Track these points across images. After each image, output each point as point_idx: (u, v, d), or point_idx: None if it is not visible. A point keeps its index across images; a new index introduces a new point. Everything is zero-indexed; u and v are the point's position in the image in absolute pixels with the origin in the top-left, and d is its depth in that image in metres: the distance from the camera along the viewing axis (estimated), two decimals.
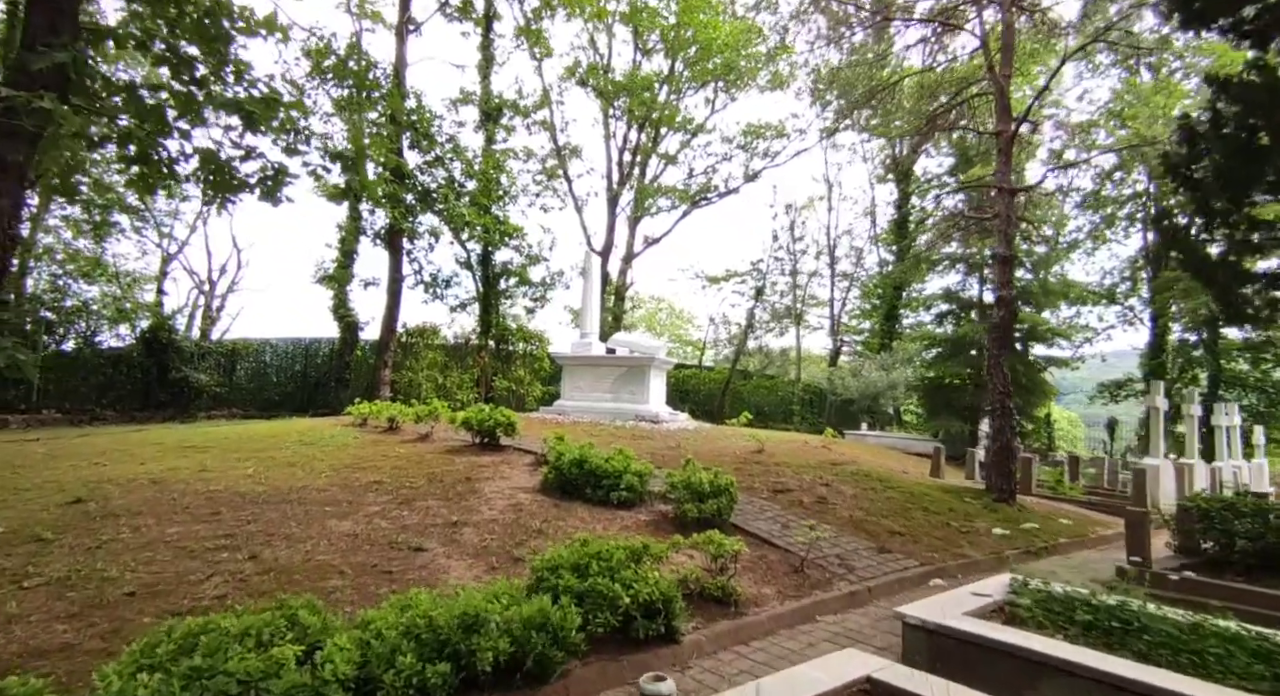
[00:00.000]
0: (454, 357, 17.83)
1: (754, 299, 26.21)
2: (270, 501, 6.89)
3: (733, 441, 12.59)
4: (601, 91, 22.38)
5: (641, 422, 14.02)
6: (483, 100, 18.22)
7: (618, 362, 14.96)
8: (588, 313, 15.92)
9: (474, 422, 9.53)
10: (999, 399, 9.51)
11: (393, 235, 14.71)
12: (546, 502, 7.30)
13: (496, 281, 19.15)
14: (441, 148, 14.41)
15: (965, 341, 19.40)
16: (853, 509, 8.09)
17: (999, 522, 8.46)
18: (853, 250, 33.74)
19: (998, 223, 9.99)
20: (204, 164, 6.71)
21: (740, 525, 7.03)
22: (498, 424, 9.57)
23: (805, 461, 10.87)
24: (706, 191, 25.69)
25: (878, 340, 28.01)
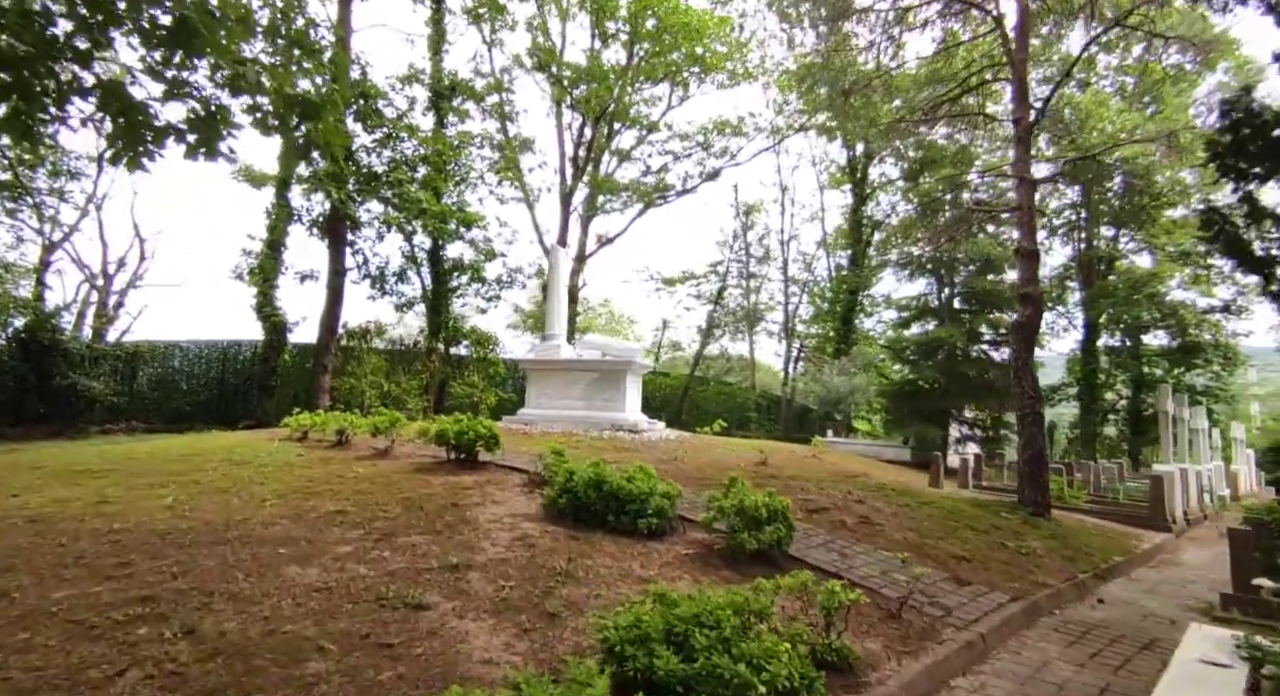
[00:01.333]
0: (400, 362, 16.03)
1: (714, 302, 25.38)
2: (201, 542, 5.26)
3: (728, 452, 11.51)
4: (557, 79, 21.03)
5: (620, 433, 12.74)
6: (433, 78, 16.52)
7: (591, 367, 13.64)
8: (554, 312, 14.54)
9: (451, 435, 8.03)
10: (1029, 404, 8.83)
11: (334, 223, 12.89)
12: (560, 534, 5.95)
13: (448, 278, 17.43)
14: (392, 125, 12.71)
15: (936, 345, 19.15)
16: (902, 530, 7.12)
17: (1047, 540, 7.70)
18: (800, 255, 33.64)
19: (1019, 216, 9.35)
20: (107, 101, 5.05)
21: (798, 555, 5.91)
22: (479, 437, 8.10)
23: (816, 474, 9.90)
24: (664, 190, 24.73)
25: (833, 345, 27.73)
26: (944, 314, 19.73)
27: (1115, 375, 30.93)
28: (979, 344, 19.85)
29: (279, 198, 16.68)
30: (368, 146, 13.13)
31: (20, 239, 17.72)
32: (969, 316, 19.24)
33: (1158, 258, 28.33)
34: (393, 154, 13.15)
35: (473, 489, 7.21)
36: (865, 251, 27.31)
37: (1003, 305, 19.07)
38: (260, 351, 17.64)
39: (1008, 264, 19.13)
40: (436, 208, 12.14)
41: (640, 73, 22.72)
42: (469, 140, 16.69)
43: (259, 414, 16.22)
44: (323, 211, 13.81)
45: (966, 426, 19.64)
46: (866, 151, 27.21)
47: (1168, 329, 28.44)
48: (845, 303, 27.13)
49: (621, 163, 24.76)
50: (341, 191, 11.58)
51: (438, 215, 12.98)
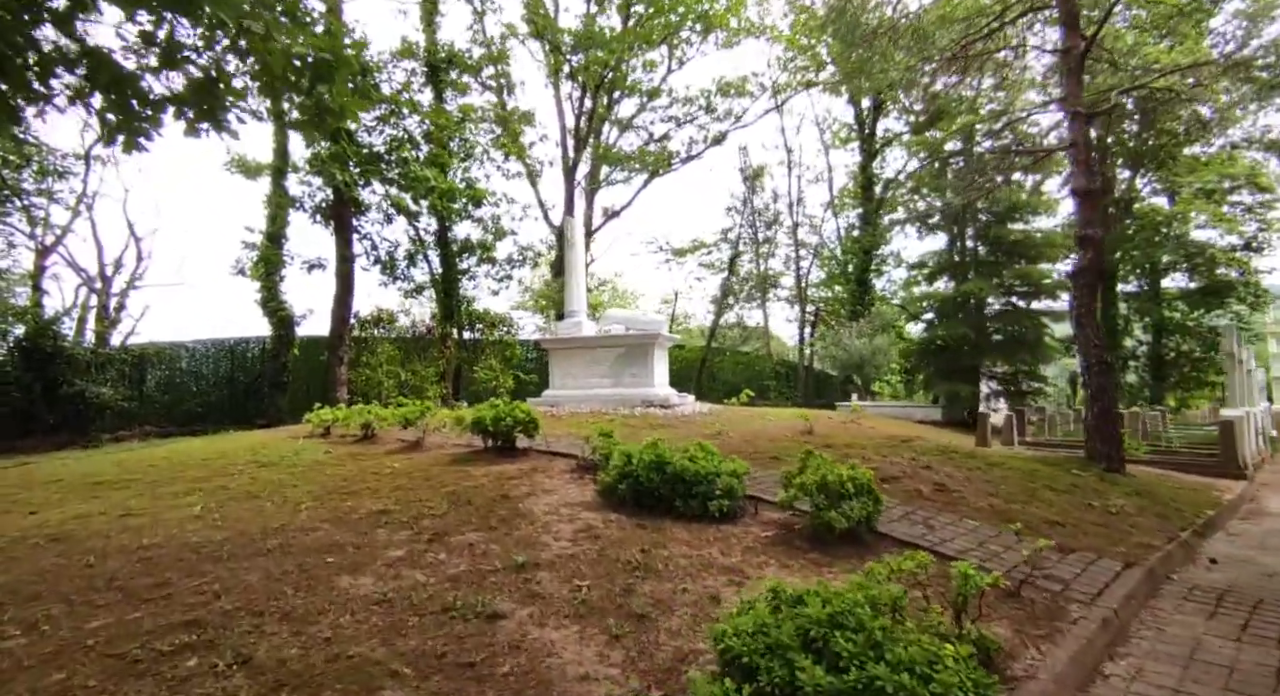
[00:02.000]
0: (414, 350, 15.51)
1: (728, 269, 24.74)
2: (240, 554, 4.80)
3: (767, 422, 11.03)
4: (555, 46, 20.14)
5: (651, 409, 12.28)
6: (428, 51, 15.71)
7: (616, 342, 13.13)
8: (572, 288, 13.98)
9: (488, 422, 7.54)
10: (1095, 353, 8.30)
11: (338, 209, 12.25)
12: (625, 522, 5.48)
13: (457, 260, 16.82)
14: (393, 100, 11.99)
15: (964, 300, 18.56)
16: (981, 496, 6.65)
17: (1131, 496, 7.23)
18: (807, 218, 32.87)
19: (1073, 153, 8.72)
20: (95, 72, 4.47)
21: (884, 531, 5.44)
22: (516, 423, 7.62)
23: (867, 440, 9.42)
24: (668, 158, 23.92)
25: (848, 307, 27.14)
26: (970, 267, 19.11)
27: (1133, 320, 30.38)
28: (1010, 296, 19.27)
29: (276, 186, 16.05)
30: (368, 125, 12.44)
31: (12, 244, 17.12)
32: (997, 268, 18.62)
33: (1176, 199, 27.56)
34: (394, 131, 12.46)
35: (518, 478, 6.74)
36: (876, 209, 26.57)
37: (1034, 255, 18.45)
38: (269, 347, 17.16)
39: (1030, 212, 18.47)
40: (444, 184, 11.49)
41: (638, 37, 21.79)
42: (471, 113, 15.93)
43: (273, 412, 15.79)
44: (325, 197, 13.16)
45: (997, 382, 19.16)
46: (875, 104, 26.32)
47: (1190, 270, 27.81)
48: (859, 263, 26.46)
49: (624, 132, 23.96)
50: (345, 173, 10.95)
51: (445, 193, 12.34)
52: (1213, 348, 29.04)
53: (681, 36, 22.52)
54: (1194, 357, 29.34)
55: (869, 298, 25.80)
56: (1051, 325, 19.35)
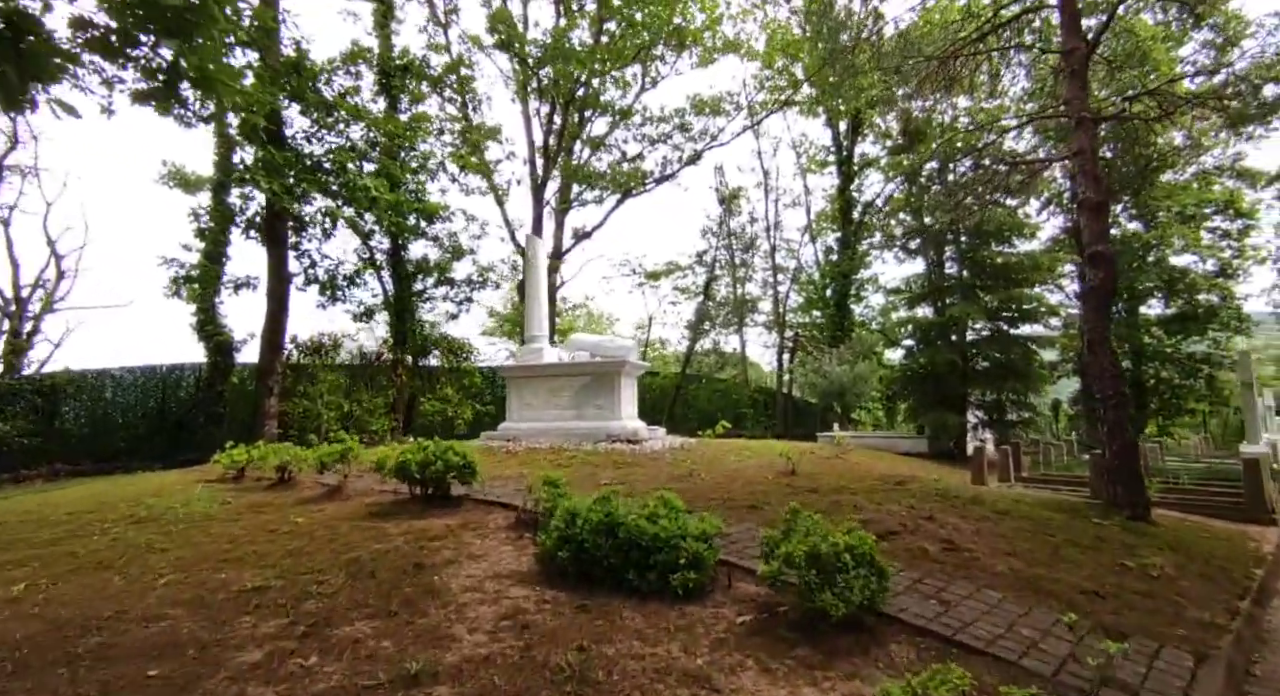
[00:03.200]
0: (361, 378, 14.26)
1: (703, 294, 23.82)
2: (32, 664, 3.55)
3: (744, 460, 9.94)
4: (521, 59, 19.29)
5: (617, 444, 11.14)
6: (381, 57, 14.70)
7: (579, 371, 12.02)
8: (534, 312, 12.88)
9: (414, 467, 6.34)
10: (1111, 383, 7.37)
11: (271, 222, 11.07)
12: (564, 603, 4.33)
13: (411, 281, 15.63)
14: (337, 104, 10.92)
15: (947, 326, 17.77)
16: (997, 555, 5.59)
17: (1167, 552, 6.23)
18: (784, 242, 32.28)
19: (1079, 162, 7.90)
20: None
21: (892, 612, 4.33)
22: (449, 467, 6.42)
23: (857, 481, 8.36)
24: (641, 178, 23.10)
25: (827, 333, 26.34)
26: (953, 291, 18.37)
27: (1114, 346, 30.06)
28: (995, 321, 18.54)
29: (217, 200, 14.81)
30: (308, 131, 11.37)
31: None
32: (981, 292, 17.91)
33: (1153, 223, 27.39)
34: (337, 139, 11.40)
35: (442, 539, 5.54)
36: (855, 233, 25.97)
37: (1019, 278, 17.75)
38: (205, 375, 15.73)
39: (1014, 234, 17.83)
40: (388, 197, 10.41)
41: (611, 53, 21.08)
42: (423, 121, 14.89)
43: (207, 445, 14.32)
44: (260, 210, 11.97)
45: (983, 411, 18.34)
46: (853, 126, 25.88)
47: (1168, 296, 27.56)
48: (838, 287, 25.74)
49: (596, 151, 23.08)
50: (274, 182, 9.86)
51: (391, 206, 11.24)
52: (1192, 374, 28.78)
53: (655, 53, 21.86)
54: (1174, 385, 29.02)
55: (848, 323, 25.01)
56: (1039, 351, 18.63)
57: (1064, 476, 11.66)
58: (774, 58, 21.37)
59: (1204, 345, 29.39)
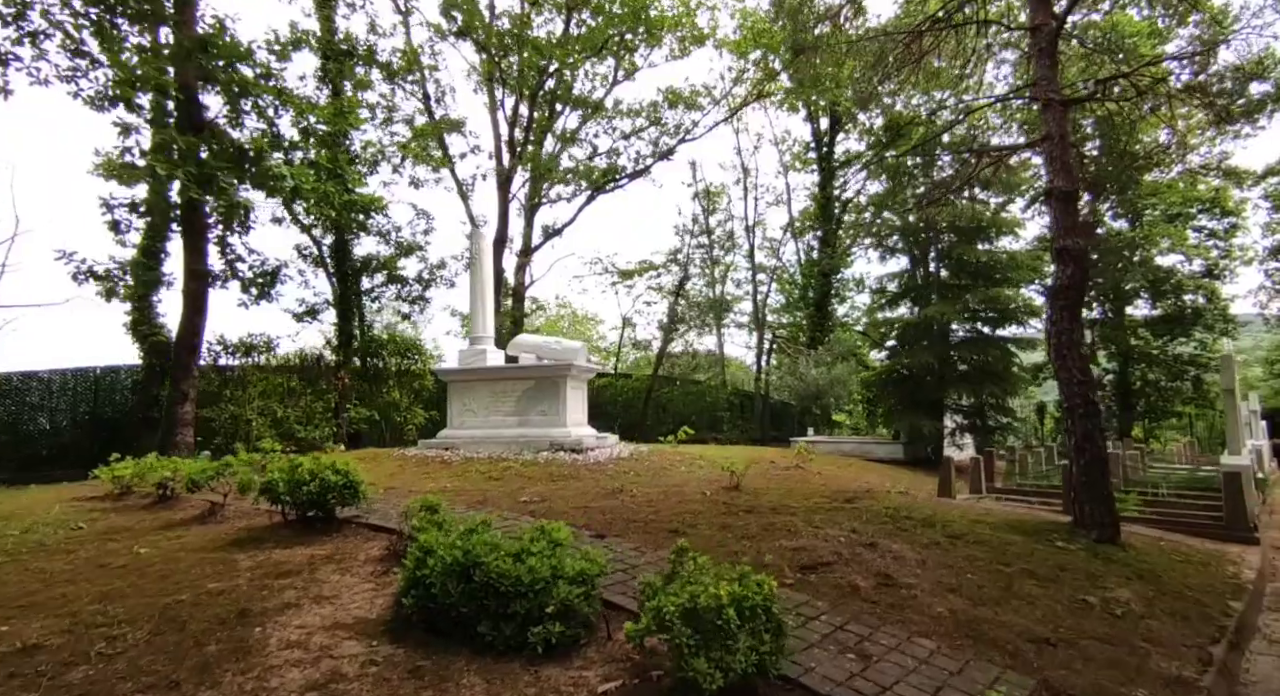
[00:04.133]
0: (303, 382, 13.43)
1: (675, 294, 23.07)
2: None
3: (691, 472, 9.21)
4: (483, 47, 18.47)
5: (559, 453, 10.39)
6: (323, 40, 13.81)
7: (521, 374, 11.25)
8: (479, 312, 12.09)
9: (281, 488, 5.55)
10: (1080, 391, 6.66)
11: (188, 214, 10.23)
12: (397, 664, 3.56)
13: (357, 278, 14.79)
14: (257, 88, 10.07)
15: (926, 326, 17.04)
16: (940, 592, 4.85)
17: (1134, 581, 5.51)
18: (766, 241, 31.60)
19: (1047, 148, 7.19)
20: None
21: (793, 675, 3.58)
22: (327, 488, 5.63)
23: (805, 497, 7.63)
24: (614, 173, 22.31)
25: (806, 334, 25.65)
26: (932, 291, 17.66)
27: (1098, 348, 29.51)
28: (975, 322, 17.83)
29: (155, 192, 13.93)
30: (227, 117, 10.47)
31: None
32: (959, 292, 17.21)
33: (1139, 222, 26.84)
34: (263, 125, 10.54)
35: (297, 574, 4.76)
36: (836, 230, 25.27)
37: (1000, 278, 17.04)
38: (140, 378, 14.86)
39: (996, 232, 17.13)
40: (309, 186, 9.55)
41: (580, 43, 20.31)
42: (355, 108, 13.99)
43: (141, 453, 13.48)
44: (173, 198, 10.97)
45: (962, 415, 17.64)
46: (833, 121, 25.19)
47: (1154, 296, 27.03)
48: (818, 287, 25.03)
49: (566, 146, 22.28)
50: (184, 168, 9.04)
51: (319, 197, 10.40)
52: (1178, 376, 28.26)
53: (628, 41, 21.08)
54: (1160, 387, 28.55)
55: (829, 324, 24.30)
56: (1019, 353, 17.94)
57: (1039, 488, 10.94)
58: (747, 47, 20.62)
59: (1191, 347, 28.90)
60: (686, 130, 22.49)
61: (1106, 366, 30.10)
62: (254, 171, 9.61)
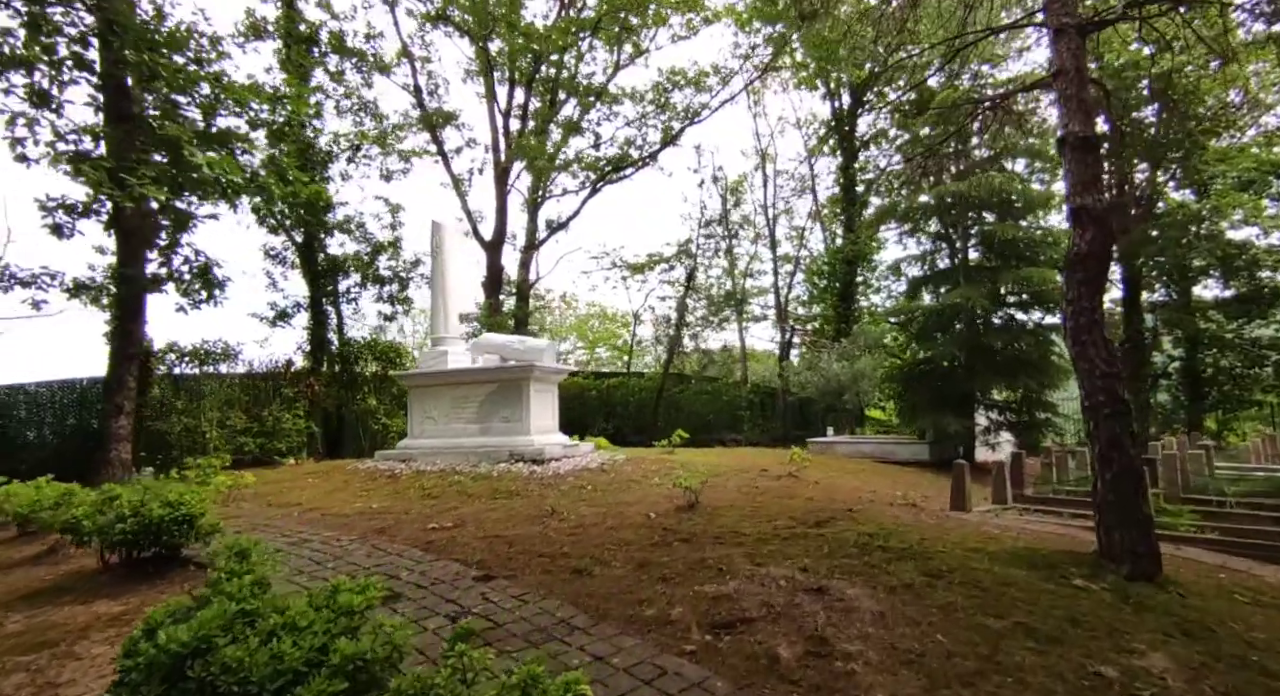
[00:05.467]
0: (270, 390, 12.77)
1: (685, 286, 21.81)
2: None
3: (651, 487, 8.02)
4: (467, 29, 17.57)
5: (517, 464, 9.34)
6: (283, 24, 13.03)
7: (481, 377, 10.23)
8: (440, 310, 11.15)
9: (87, 528, 4.63)
10: (1103, 383, 5.24)
11: (118, 213, 9.58)
12: None
13: (329, 279, 14.06)
14: (185, 75, 9.33)
15: (952, 313, 15.33)
16: (890, 665, 3.59)
17: (1176, 641, 4.09)
18: (793, 230, 29.99)
19: (1059, 85, 5.75)
20: None
21: None
22: (146, 526, 4.68)
23: (767, 518, 6.36)
24: (620, 162, 21.17)
25: (832, 326, 24.04)
26: (959, 274, 15.92)
27: (1162, 333, 26.92)
28: (1005, 308, 16.03)
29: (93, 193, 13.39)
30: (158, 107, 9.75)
31: None
32: (993, 274, 15.44)
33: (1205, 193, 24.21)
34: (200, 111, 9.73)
35: (52, 647, 3.79)
36: (861, 213, 23.57)
37: (1035, 257, 15.22)
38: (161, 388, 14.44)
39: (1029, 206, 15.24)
40: (235, 177, 8.70)
41: (576, 25, 19.26)
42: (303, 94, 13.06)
43: None
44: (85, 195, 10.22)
45: (997, 411, 15.87)
46: (854, 97, 23.50)
47: (1226, 275, 24.38)
48: (842, 276, 23.38)
49: (569, 135, 21.25)
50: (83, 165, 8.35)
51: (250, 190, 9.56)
52: (1257, 362, 25.50)
53: (630, 23, 19.92)
54: (1235, 374, 25.85)
55: (853, 314, 22.63)
56: (1059, 341, 16.03)
57: (1075, 495, 9.34)
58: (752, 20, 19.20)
59: (1271, 329, 26.05)
60: (694, 113, 21.19)
61: (1172, 353, 27.50)
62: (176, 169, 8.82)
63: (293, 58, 12.73)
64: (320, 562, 5.06)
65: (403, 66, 18.68)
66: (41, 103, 9.52)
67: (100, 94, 9.73)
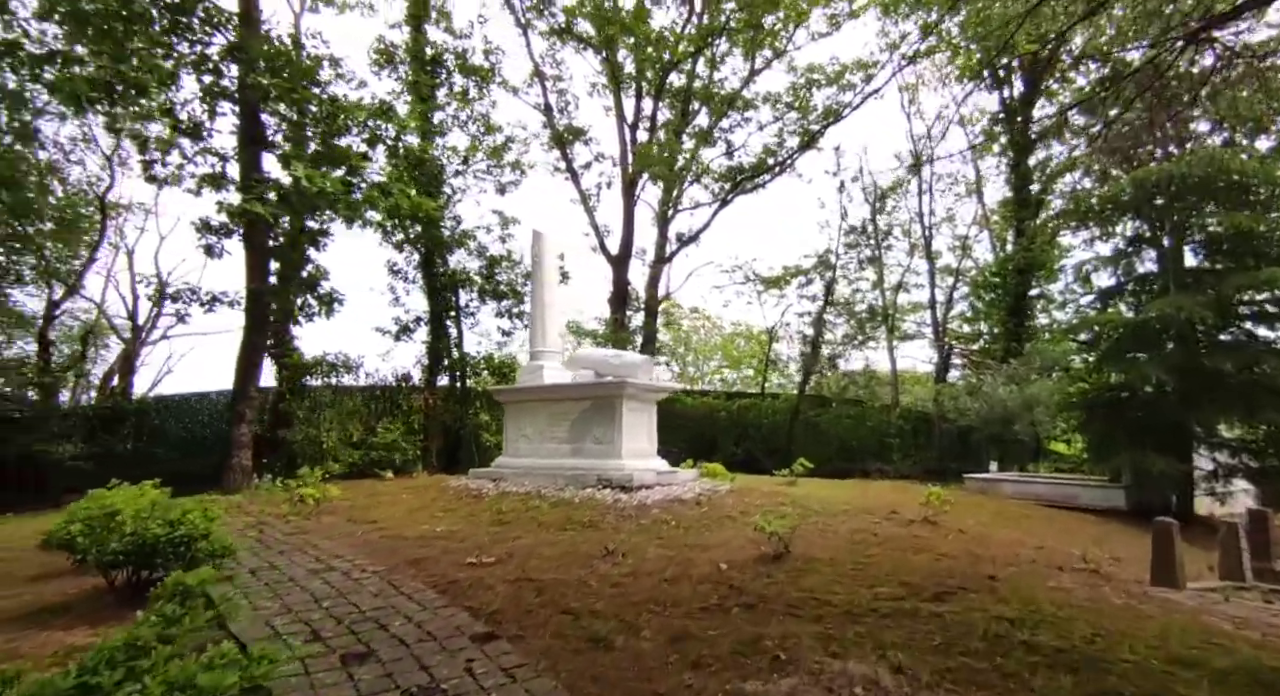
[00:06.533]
0: (387, 402, 13.06)
1: (823, 301, 19.94)
2: None
3: (742, 528, 6.77)
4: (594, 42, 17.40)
5: (604, 490, 8.48)
6: (411, 48, 13.45)
7: (574, 394, 9.54)
8: (539, 321, 10.66)
9: (82, 545, 4.38)
10: None
11: (248, 228, 10.22)
12: None
13: (448, 293, 14.22)
14: (318, 101, 9.78)
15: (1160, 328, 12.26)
16: None
17: None
18: (955, 239, 26.86)
19: None
20: None
21: None
22: (141, 546, 4.35)
23: (869, 581, 4.91)
24: (756, 170, 19.98)
25: (999, 345, 20.90)
26: (1166, 279, 12.75)
27: None
28: (1236, 321, 12.59)
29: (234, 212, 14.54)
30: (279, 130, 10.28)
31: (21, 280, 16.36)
32: (1212, 278, 12.19)
33: None
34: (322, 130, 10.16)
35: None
36: (1036, 216, 20.33)
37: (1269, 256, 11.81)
38: (273, 398, 15.57)
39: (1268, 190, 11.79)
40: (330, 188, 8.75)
41: (710, 30, 18.51)
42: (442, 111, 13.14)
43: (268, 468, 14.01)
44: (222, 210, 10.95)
45: (1227, 453, 12.45)
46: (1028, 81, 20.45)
47: None
48: (1013, 288, 20.23)
49: (701, 145, 20.45)
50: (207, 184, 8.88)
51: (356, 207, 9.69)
52: None
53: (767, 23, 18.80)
54: None
55: (1026, 332, 19.43)
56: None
57: None
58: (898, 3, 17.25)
59: None
60: (835, 113, 19.51)
61: None
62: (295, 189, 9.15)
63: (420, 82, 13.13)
64: (319, 600, 4.46)
65: (534, 86, 19.00)
66: (193, 133, 10.37)
67: (239, 119, 10.40)
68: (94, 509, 4.52)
